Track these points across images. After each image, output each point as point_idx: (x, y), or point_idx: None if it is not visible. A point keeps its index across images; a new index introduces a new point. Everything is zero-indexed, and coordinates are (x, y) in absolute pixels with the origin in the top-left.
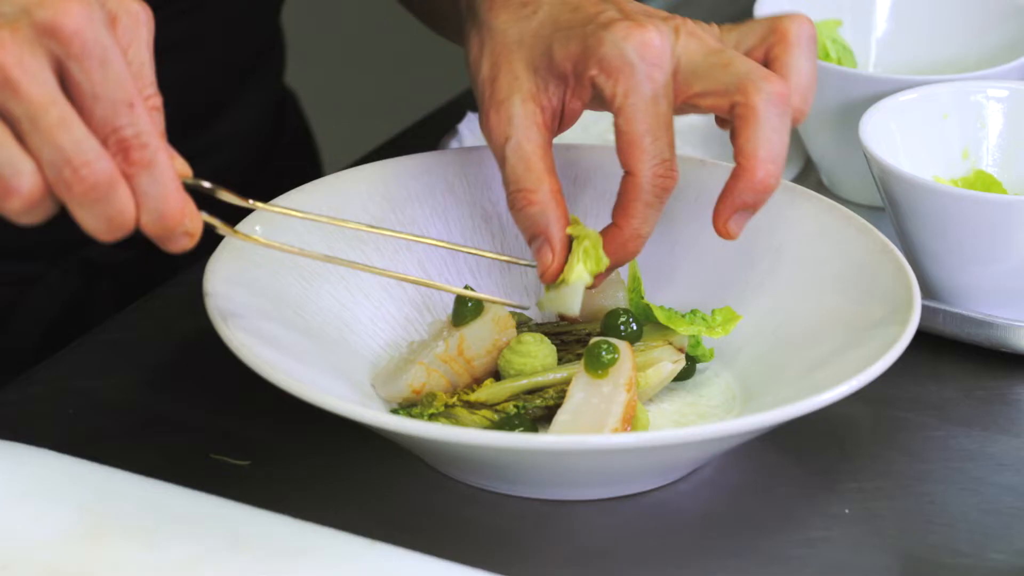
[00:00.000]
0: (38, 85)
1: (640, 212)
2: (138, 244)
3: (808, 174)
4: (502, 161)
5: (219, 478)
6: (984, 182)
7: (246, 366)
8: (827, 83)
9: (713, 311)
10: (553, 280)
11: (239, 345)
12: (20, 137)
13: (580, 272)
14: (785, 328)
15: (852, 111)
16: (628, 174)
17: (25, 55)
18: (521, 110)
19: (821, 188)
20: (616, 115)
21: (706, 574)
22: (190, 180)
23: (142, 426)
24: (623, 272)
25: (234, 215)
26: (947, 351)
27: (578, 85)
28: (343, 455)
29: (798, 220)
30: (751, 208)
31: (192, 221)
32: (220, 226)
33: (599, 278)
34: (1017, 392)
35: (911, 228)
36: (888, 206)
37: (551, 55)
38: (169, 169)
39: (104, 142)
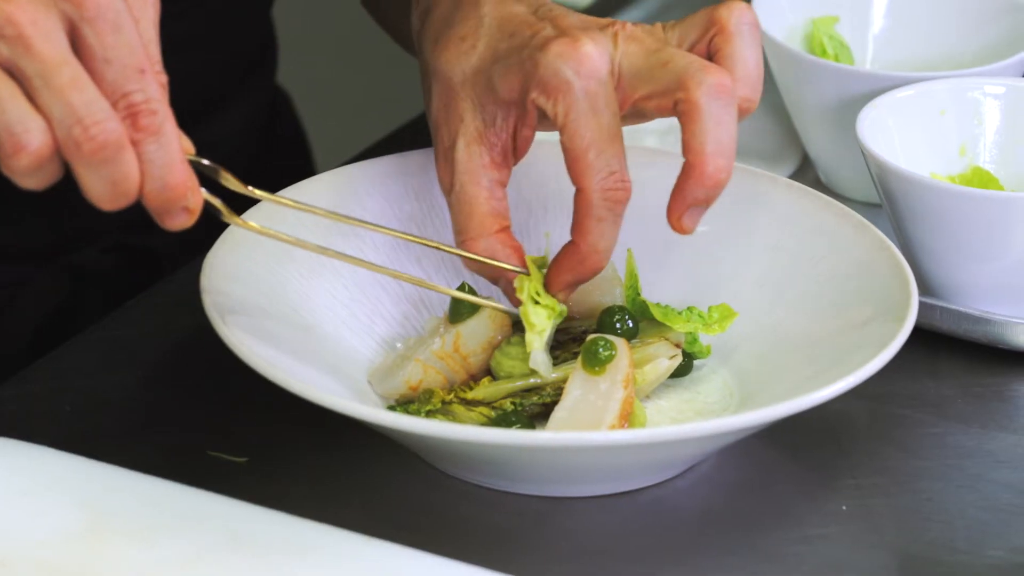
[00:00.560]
0: (51, 44)
1: (594, 228)
2: (124, 250)
3: (805, 171)
4: (450, 209)
5: (217, 475)
6: (981, 179)
7: (243, 363)
8: (824, 80)
9: (710, 308)
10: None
11: (236, 342)
12: (30, 95)
13: (530, 340)
14: (782, 325)
15: (849, 108)
16: (578, 191)
17: (39, 14)
18: (465, 154)
19: (818, 185)
20: (560, 133)
21: (703, 571)
22: (193, 157)
23: (140, 423)
24: (620, 269)
25: (233, 205)
26: (944, 348)
27: (523, 112)
28: (341, 452)
29: (795, 217)
30: (703, 203)
31: (193, 196)
32: (220, 208)
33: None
34: (1014, 389)
35: (908, 225)
36: (885, 203)
37: (494, 88)
38: (176, 139)
39: (113, 106)
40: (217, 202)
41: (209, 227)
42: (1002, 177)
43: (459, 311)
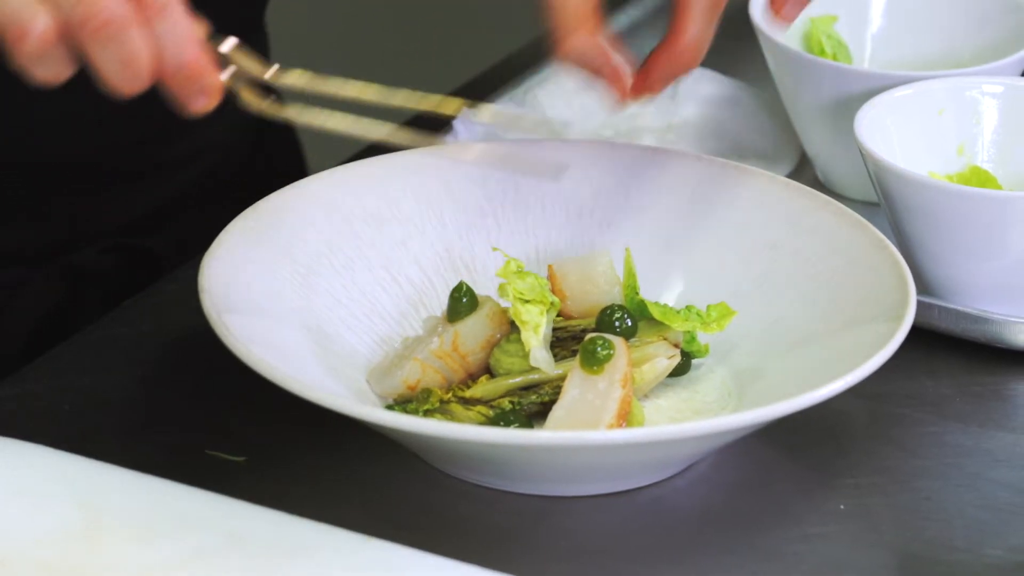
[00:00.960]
0: None
1: (691, 26)
2: (123, 250)
3: (803, 170)
4: (548, 10)
5: (215, 474)
6: (980, 178)
7: (242, 363)
8: (823, 79)
9: (708, 307)
10: (637, 97)
11: (235, 341)
12: None
13: (526, 338)
14: (780, 324)
15: (847, 107)
16: None
17: None
18: None
19: (816, 184)
20: None
21: (702, 570)
22: (206, 36)
23: (139, 423)
24: (618, 268)
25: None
26: (943, 347)
27: None
28: (339, 451)
29: (793, 216)
30: (668, 76)
31: (210, 77)
32: (241, 91)
33: None
34: (1013, 388)
35: (906, 224)
36: (883, 202)
37: None
38: (186, 19)
39: None
40: (239, 84)
41: (208, 228)
42: (1000, 176)
43: (457, 310)
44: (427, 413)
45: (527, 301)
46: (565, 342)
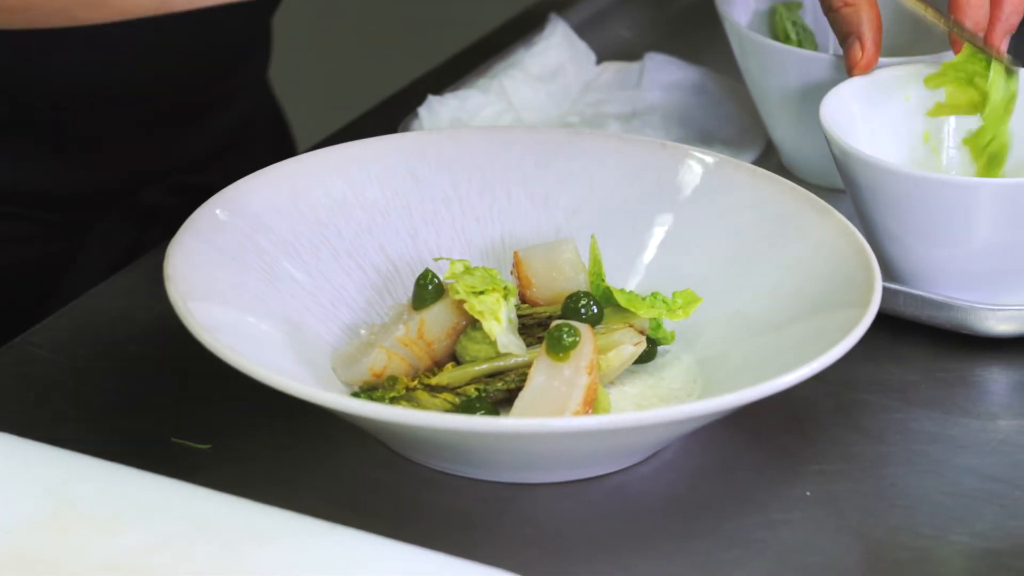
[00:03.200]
0: None
1: None
2: (186, 188)
3: (769, 156)
4: None
5: (181, 462)
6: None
7: (207, 350)
8: (788, 66)
9: (674, 294)
10: (865, 72)
11: (200, 329)
12: None
13: (489, 328)
14: (746, 311)
15: (813, 93)
16: None
17: None
18: None
19: (782, 170)
20: None
21: (667, 557)
22: None
23: (104, 410)
24: (584, 255)
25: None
26: (908, 333)
27: None
28: (305, 439)
29: (759, 202)
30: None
31: None
32: None
33: None
34: (978, 374)
35: (872, 210)
36: (849, 189)
37: None
38: None
39: None
40: None
41: (270, 163)
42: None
43: (423, 297)
44: (393, 400)
45: (480, 292)
46: (531, 329)
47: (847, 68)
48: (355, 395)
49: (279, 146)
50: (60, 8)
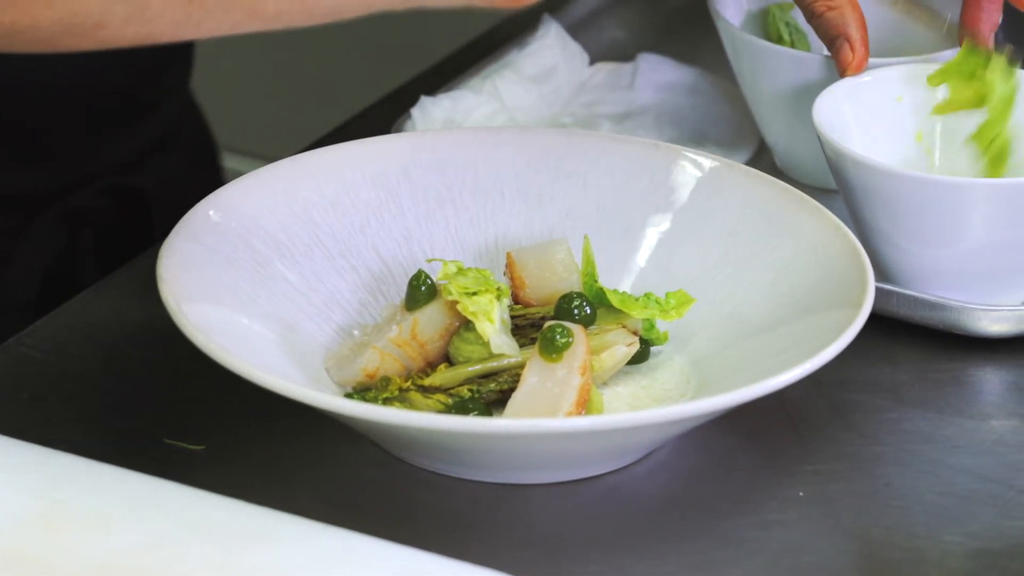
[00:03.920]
0: None
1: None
2: (116, 191)
3: (762, 157)
4: None
5: (174, 463)
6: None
7: (201, 351)
8: (781, 66)
9: (667, 294)
10: (858, 71)
11: (193, 330)
12: None
13: (482, 329)
14: (739, 311)
15: (806, 94)
16: None
17: None
18: None
19: (775, 171)
20: None
21: (661, 557)
22: None
23: (97, 411)
24: (577, 256)
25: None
26: (901, 334)
27: None
28: (298, 440)
29: (752, 203)
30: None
31: None
32: None
33: None
34: (971, 374)
35: (865, 211)
36: (842, 189)
37: None
38: None
39: None
40: None
41: (192, 166)
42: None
43: (416, 298)
44: (386, 401)
45: (473, 293)
46: (524, 330)
47: (839, 70)
48: (348, 396)
49: (202, 151)
50: (44, 37)
